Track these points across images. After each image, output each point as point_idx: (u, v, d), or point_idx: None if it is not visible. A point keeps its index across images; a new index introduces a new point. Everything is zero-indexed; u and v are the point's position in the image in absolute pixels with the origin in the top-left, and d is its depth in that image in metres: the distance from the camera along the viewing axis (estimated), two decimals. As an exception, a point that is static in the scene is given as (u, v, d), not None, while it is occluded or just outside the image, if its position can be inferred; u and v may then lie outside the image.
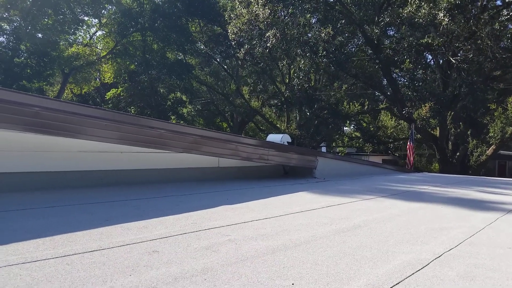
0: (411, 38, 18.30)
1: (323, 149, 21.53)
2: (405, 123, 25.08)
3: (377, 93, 28.04)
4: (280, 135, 10.27)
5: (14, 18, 26.47)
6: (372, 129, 27.56)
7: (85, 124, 5.82)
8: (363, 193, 7.76)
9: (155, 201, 6.02)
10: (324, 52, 19.54)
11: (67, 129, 5.69)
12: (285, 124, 28.30)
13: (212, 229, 4.28)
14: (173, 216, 4.90)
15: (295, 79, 24.05)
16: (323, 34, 18.97)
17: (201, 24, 30.32)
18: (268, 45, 21.31)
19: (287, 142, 10.19)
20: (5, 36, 26.59)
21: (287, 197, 6.92)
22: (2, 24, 26.09)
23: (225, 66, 33.22)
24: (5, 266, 2.85)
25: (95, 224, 4.26)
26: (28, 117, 5.26)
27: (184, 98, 34.12)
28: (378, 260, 3.40)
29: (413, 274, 3.10)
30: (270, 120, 31.60)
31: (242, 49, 24.29)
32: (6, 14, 26.85)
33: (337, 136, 30.42)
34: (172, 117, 33.44)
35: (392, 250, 3.72)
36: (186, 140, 7.15)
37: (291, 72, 26.71)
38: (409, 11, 17.21)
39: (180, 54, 31.49)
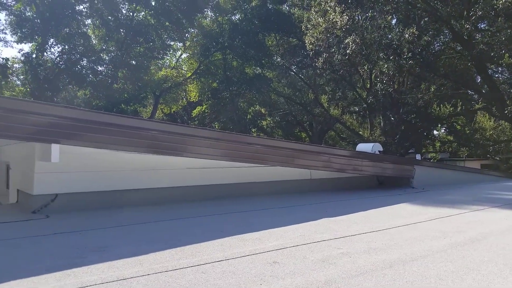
0: (509, 31, 16.79)
1: (418, 157, 20.47)
2: (506, 123, 22.87)
3: (470, 92, 25.98)
4: (371, 144, 10.03)
5: (111, 49, 29.47)
6: (468, 132, 25.48)
7: (192, 143, 6.34)
8: (472, 203, 7.30)
9: (259, 213, 6.31)
10: (410, 53, 18.74)
11: (178, 149, 6.26)
12: (368, 131, 27.49)
13: (321, 242, 4.39)
14: (279, 228, 5.11)
15: (378, 84, 23.30)
16: (407, 35, 18.24)
17: (277, 37, 30.93)
18: (348, 51, 21.03)
19: (379, 151, 9.94)
20: (104, 66, 29.65)
21: (388, 209, 6.78)
22: (102, 55, 29.18)
23: (301, 76, 33.39)
24: (152, 273, 3.25)
25: (213, 236, 4.61)
26: (147, 140, 5.89)
27: (263, 110, 34.91)
28: (509, 275, 3.23)
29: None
30: (351, 127, 30.93)
31: (320, 58, 24.24)
32: (105, 46, 30.04)
33: (428, 141, 28.65)
34: (253, 130, 34.36)
35: (522, 264, 3.50)
36: (281, 154, 7.40)
37: (372, 77, 25.98)
38: (505, 2, 15.84)
39: (258, 68, 32.35)
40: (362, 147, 10.28)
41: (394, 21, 22.41)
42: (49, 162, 5.23)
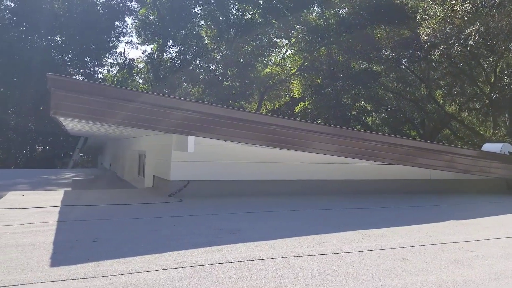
0: None
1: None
2: None
3: None
4: (500, 144, 9.04)
5: (222, 48, 31.27)
6: None
7: (309, 138, 6.54)
8: None
9: (377, 211, 6.25)
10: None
11: (295, 143, 6.51)
12: (491, 130, 24.76)
13: (451, 244, 4.21)
14: (402, 227, 5.02)
15: (505, 78, 20.84)
16: (544, 22, 16.01)
17: (387, 30, 29.53)
18: (469, 42, 19.24)
19: (509, 152, 8.94)
20: (215, 64, 31.63)
21: (523, 215, 6.15)
22: (213, 55, 31.15)
23: (413, 70, 31.39)
24: (286, 257, 3.49)
25: (334, 229, 4.73)
26: (268, 134, 6.25)
27: (368, 107, 33.72)
28: None
29: None
30: (470, 126, 28.18)
31: (436, 50, 22.57)
32: (216, 45, 32.00)
33: None
34: (357, 127, 33.43)
35: None
36: (398, 151, 7.17)
37: (497, 70, 23.30)
38: None
39: (365, 63, 31.34)
40: (489, 147, 9.30)
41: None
42: (185, 152, 5.89)
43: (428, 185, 8.58)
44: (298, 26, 31.28)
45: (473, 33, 18.23)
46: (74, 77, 33.19)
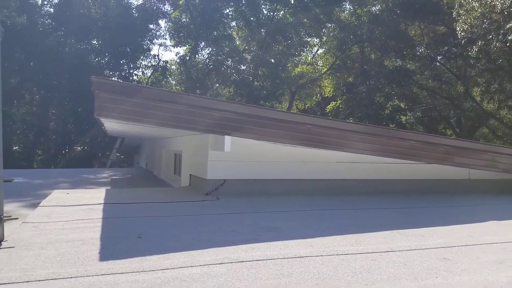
0: None
1: None
2: None
3: None
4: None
5: (253, 48, 31.46)
6: None
7: (345, 138, 6.53)
8: None
9: (414, 211, 6.18)
10: None
11: (330, 143, 6.52)
12: (534, 128, 23.64)
13: (494, 244, 4.12)
14: (442, 227, 4.94)
15: (549, 74, 19.85)
16: None
17: (421, 26, 28.81)
18: (509, 37, 18.49)
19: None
20: (246, 65, 31.85)
21: None
22: (245, 55, 31.39)
23: (449, 67, 30.42)
24: (325, 255, 3.53)
25: (372, 228, 4.71)
26: (302, 133, 6.29)
27: (402, 105, 32.97)
28: None
29: None
30: (510, 124, 27.02)
31: (474, 47, 21.83)
32: (247, 46, 32.21)
33: None
34: (391, 126, 32.75)
35: None
36: (438, 150, 7.03)
37: (540, 66, 22.23)
38: None
39: (398, 60, 30.66)
40: (532, 146, 8.89)
41: None
42: (222, 151, 6.02)
43: (467, 185, 8.34)
44: (330, 25, 31.00)
45: (514, 27, 17.53)
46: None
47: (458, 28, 21.36)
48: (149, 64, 38.12)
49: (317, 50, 35.60)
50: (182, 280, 2.82)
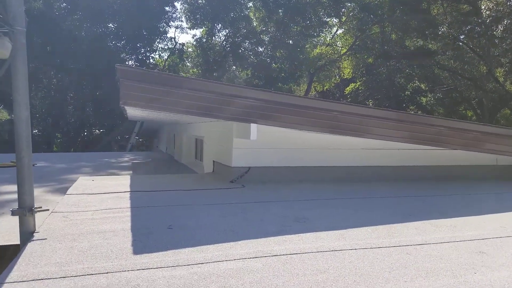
0: None
1: None
2: None
3: None
4: None
5: (270, 30, 31.01)
6: None
7: (372, 124, 6.40)
8: None
9: (443, 199, 6.06)
10: None
11: (357, 129, 6.40)
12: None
13: (530, 236, 4.01)
14: (474, 217, 4.84)
15: None
16: None
17: (444, 5, 27.80)
18: (539, 15, 17.74)
19: None
20: (264, 47, 31.47)
21: None
22: (262, 37, 30.98)
23: (471, 47, 29.43)
24: (359, 248, 3.50)
25: (402, 218, 4.65)
26: (328, 120, 6.19)
27: (423, 86, 32.25)
28: None
29: None
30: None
31: (499, 26, 21.06)
32: (264, 27, 31.75)
33: None
34: (411, 107, 32.15)
35: None
36: (466, 137, 6.85)
37: None
38: None
39: (420, 40, 29.82)
40: None
41: None
42: (248, 139, 5.99)
43: (495, 171, 8.15)
44: (349, 4, 30.27)
45: (545, 4, 16.77)
46: (127, 63, 34.45)
47: (483, 6, 20.64)
48: (166, 47, 37.99)
49: (336, 30, 34.88)
50: (219, 275, 2.82)
